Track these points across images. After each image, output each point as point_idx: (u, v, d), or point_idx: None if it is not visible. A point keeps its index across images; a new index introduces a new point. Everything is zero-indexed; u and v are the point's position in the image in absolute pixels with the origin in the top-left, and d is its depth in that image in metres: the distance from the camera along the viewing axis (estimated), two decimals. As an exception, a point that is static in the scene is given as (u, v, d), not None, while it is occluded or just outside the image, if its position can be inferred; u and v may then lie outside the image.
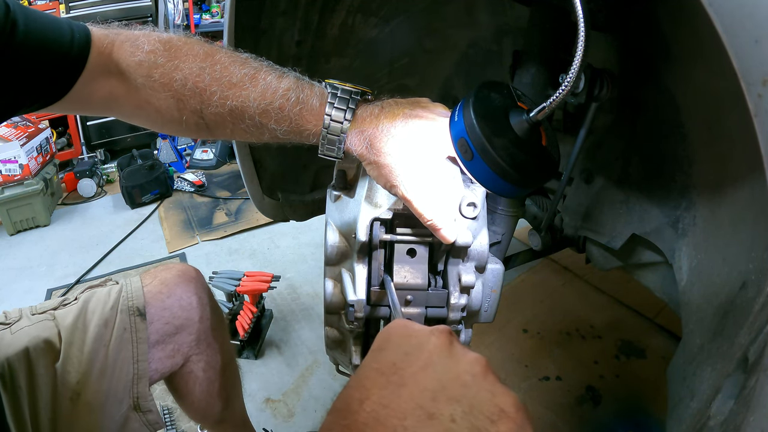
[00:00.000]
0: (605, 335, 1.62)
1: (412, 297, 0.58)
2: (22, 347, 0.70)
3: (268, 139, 0.59)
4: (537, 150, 0.54)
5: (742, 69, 0.36)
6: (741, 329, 0.47)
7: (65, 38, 0.57)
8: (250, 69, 0.57)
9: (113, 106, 0.63)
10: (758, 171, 0.38)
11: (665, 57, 0.70)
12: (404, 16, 1.08)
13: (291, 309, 1.86)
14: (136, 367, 0.79)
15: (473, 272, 0.59)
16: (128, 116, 0.65)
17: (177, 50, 0.58)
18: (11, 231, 2.50)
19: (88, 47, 0.58)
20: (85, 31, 0.59)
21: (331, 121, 0.54)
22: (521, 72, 0.82)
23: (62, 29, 0.57)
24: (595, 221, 0.93)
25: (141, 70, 0.58)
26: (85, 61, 0.58)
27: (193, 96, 0.57)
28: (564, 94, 0.49)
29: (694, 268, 0.70)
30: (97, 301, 0.80)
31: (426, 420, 0.29)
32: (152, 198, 2.75)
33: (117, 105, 0.63)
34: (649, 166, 0.82)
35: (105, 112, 0.66)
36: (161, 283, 0.85)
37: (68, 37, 0.57)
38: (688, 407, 0.54)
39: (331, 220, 0.64)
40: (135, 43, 0.59)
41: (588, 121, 0.74)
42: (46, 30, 0.56)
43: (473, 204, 0.54)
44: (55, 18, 0.58)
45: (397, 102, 0.58)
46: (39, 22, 0.55)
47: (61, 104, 0.61)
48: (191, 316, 0.87)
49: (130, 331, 0.79)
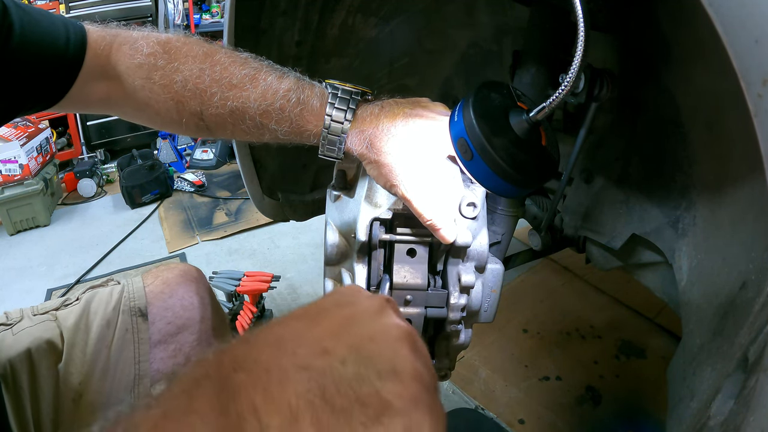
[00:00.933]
0: (605, 335, 1.62)
1: (411, 297, 0.58)
2: (24, 348, 0.70)
3: (268, 139, 0.59)
4: (537, 150, 0.54)
5: (742, 69, 0.36)
6: (741, 329, 0.47)
7: (60, 40, 0.56)
8: (250, 69, 0.57)
9: (112, 107, 0.63)
10: (758, 171, 0.38)
11: (665, 57, 0.70)
12: (404, 16, 1.08)
13: (291, 309, 1.84)
14: (137, 368, 0.79)
15: (473, 272, 0.59)
16: (128, 116, 0.65)
17: (176, 51, 0.58)
18: (11, 231, 2.50)
19: (83, 49, 0.58)
20: (81, 31, 0.58)
21: (332, 121, 0.54)
22: (521, 72, 0.82)
23: (57, 30, 0.56)
24: (595, 221, 0.93)
25: (140, 73, 0.57)
26: (81, 63, 0.58)
27: (194, 97, 0.57)
28: (564, 94, 0.49)
29: (694, 268, 0.70)
30: (99, 302, 0.80)
31: (318, 354, 0.29)
32: (152, 198, 2.74)
33: (116, 106, 0.63)
34: (649, 166, 0.82)
35: (104, 112, 0.66)
36: (163, 283, 0.85)
37: (63, 38, 0.56)
38: (688, 407, 0.54)
39: (331, 220, 0.64)
40: (134, 45, 0.58)
41: (588, 121, 0.74)
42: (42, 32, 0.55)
43: (473, 204, 0.54)
44: (50, 17, 0.58)
45: (397, 102, 0.58)
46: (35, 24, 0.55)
47: (61, 105, 0.60)
48: (193, 316, 0.87)
49: (132, 331, 0.79)
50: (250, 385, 0.27)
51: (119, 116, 0.66)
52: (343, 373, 0.28)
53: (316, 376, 0.28)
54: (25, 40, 0.53)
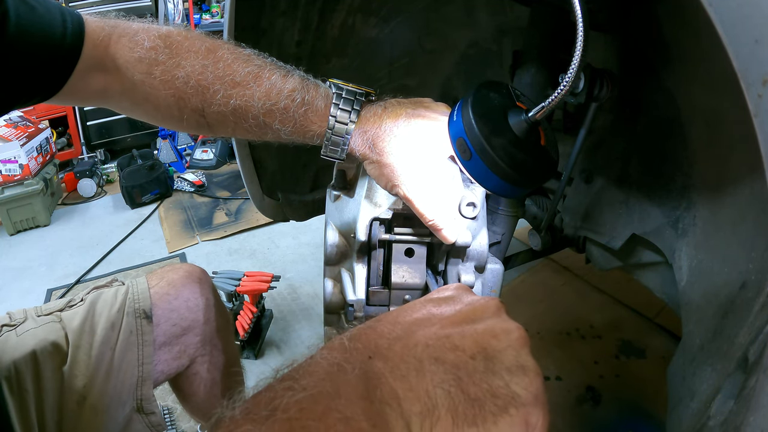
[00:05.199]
0: (605, 335, 1.62)
1: (410, 296, 0.58)
2: (28, 350, 0.69)
3: (270, 138, 0.58)
4: (536, 150, 0.54)
5: (742, 69, 0.36)
6: (741, 329, 0.47)
7: (57, 29, 0.54)
8: (254, 67, 0.56)
9: (109, 101, 0.62)
10: (758, 171, 0.38)
11: (665, 57, 0.70)
12: (404, 16, 1.08)
13: (291, 309, 1.86)
14: (140, 370, 0.78)
15: (473, 272, 0.59)
16: (125, 110, 0.64)
17: (178, 46, 0.56)
18: (11, 231, 2.51)
19: (81, 38, 0.56)
20: (79, 20, 0.57)
21: (336, 122, 0.54)
22: (521, 72, 0.82)
23: (54, 18, 0.54)
24: (594, 221, 0.93)
25: (140, 67, 0.56)
26: (79, 53, 0.56)
27: (195, 94, 0.56)
28: (563, 93, 0.49)
29: (694, 268, 0.70)
30: (104, 303, 0.80)
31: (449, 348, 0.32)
32: (152, 198, 2.75)
33: (113, 99, 0.61)
34: (649, 166, 0.82)
35: (100, 105, 0.64)
36: (168, 285, 0.85)
37: (60, 27, 0.54)
38: (688, 407, 0.54)
39: (331, 220, 0.64)
40: (134, 38, 0.56)
41: (588, 121, 0.74)
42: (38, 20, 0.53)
43: (473, 204, 0.54)
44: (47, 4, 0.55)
45: (399, 102, 0.57)
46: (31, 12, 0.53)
47: (58, 98, 0.59)
48: (198, 318, 0.86)
49: (136, 334, 0.79)
50: (388, 373, 0.30)
51: (116, 110, 0.64)
52: (475, 366, 0.31)
53: (450, 369, 0.30)
54: (20, 29, 0.51)
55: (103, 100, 0.62)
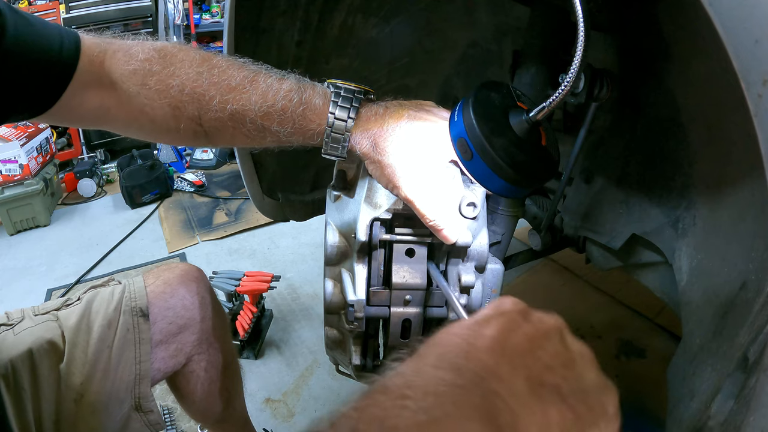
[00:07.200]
0: (605, 335, 1.62)
1: (411, 297, 0.58)
2: (25, 348, 0.70)
3: (270, 142, 0.58)
4: (536, 150, 0.54)
5: (742, 69, 0.36)
6: (741, 329, 0.47)
7: (54, 44, 0.55)
8: (248, 72, 0.56)
9: (104, 118, 0.62)
10: (758, 171, 0.38)
11: (665, 57, 0.70)
12: (404, 16, 1.08)
13: (291, 309, 1.86)
14: (138, 368, 0.79)
15: (473, 272, 0.59)
16: (120, 128, 0.64)
17: (172, 57, 0.57)
18: (11, 231, 2.50)
19: (77, 55, 0.57)
20: (75, 38, 0.58)
21: (335, 119, 0.54)
22: (521, 72, 0.82)
23: (51, 34, 0.55)
24: (595, 221, 0.93)
25: (135, 79, 0.57)
26: (74, 69, 0.57)
27: (191, 102, 0.56)
28: (563, 94, 0.49)
29: (694, 268, 0.70)
30: (100, 302, 0.80)
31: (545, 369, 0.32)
32: (152, 198, 2.74)
33: (109, 117, 0.61)
34: (649, 166, 0.82)
35: (96, 124, 0.64)
36: (164, 283, 0.85)
37: (57, 42, 0.55)
38: (688, 407, 0.55)
39: (331, 220, 0.64)
40: (128, 52, 0.57)
41: (588, 121, 0.74)
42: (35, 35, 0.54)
43: (473, 204, 0.54)
44: (45, 22, 0.57)
45: (401, 103, 0.57)
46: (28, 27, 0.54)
47: (50, 115, 0.59)
48: (194, 316, 0.87)
49: (133, 332, 0.79)
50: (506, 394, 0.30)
51: (111, 130, 0.65)
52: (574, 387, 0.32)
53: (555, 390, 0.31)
54: (18, 42, 0.52)
55: (98, 118, 0.62)
